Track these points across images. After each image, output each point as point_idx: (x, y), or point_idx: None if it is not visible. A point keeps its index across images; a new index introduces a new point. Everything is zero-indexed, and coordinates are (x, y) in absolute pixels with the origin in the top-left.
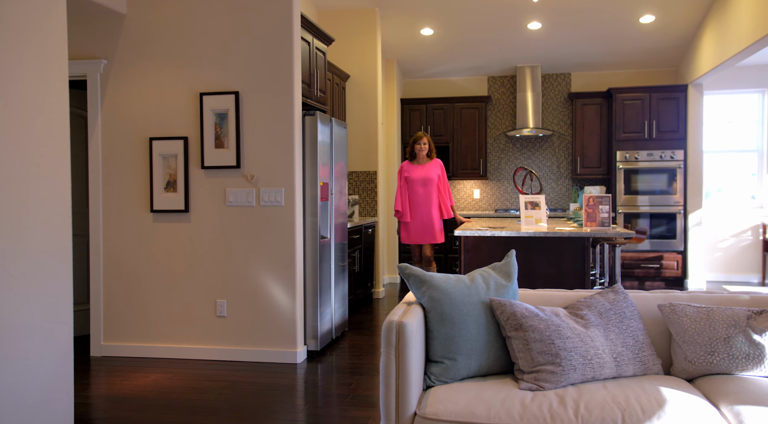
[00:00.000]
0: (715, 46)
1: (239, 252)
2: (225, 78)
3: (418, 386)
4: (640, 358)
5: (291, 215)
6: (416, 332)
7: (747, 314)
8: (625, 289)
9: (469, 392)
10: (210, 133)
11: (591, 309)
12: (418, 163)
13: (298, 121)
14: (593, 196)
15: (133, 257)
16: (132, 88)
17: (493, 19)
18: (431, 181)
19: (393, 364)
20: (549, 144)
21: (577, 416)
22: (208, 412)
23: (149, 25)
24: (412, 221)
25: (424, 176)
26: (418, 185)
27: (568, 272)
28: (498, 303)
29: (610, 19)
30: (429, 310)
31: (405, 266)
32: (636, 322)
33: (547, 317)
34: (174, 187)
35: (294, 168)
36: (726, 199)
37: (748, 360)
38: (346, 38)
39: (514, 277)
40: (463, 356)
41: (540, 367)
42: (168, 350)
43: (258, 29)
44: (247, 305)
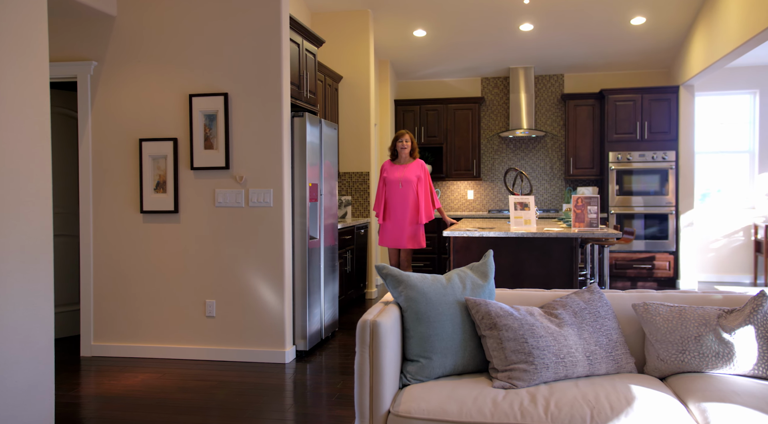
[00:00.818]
0: (705, 48)
1: (228, 253)
2: (214, 79)
3: (393, 385)
4: (614, 356)
5: (279, 215)
6: (390, 331)
7: (718, 313)
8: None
9: (443, 391)
10: (199, 135)
11: (566, 308)
12: (399, 163)
13: (287, 123)
14: (582, 197)
15: (123, 258)
16: (122, 89)
17: (485, 20)
18: (410, 182)
19: (367, 362)
20: (542, 145)
21: (547, 414)
22: (196, 411)
23: (139, 27)
24: (388, 223)
25: (402, 177)
26: (396, 186)
27: (556, 272)
28: (473, 302)
29: (601, 20)
30: (405, 309)
31: (382, 266)
32: (610, 321)
33: (521, 316)
34: (163, 188)
35: (282, 169)
36: (718, 200)
37: (717, 358)
38: (338, 40)
39: (491, 276)
40: (438, 355)
41: (513, 365)
42: (157, 350)
43: (247, 31)
44: (236, 305)
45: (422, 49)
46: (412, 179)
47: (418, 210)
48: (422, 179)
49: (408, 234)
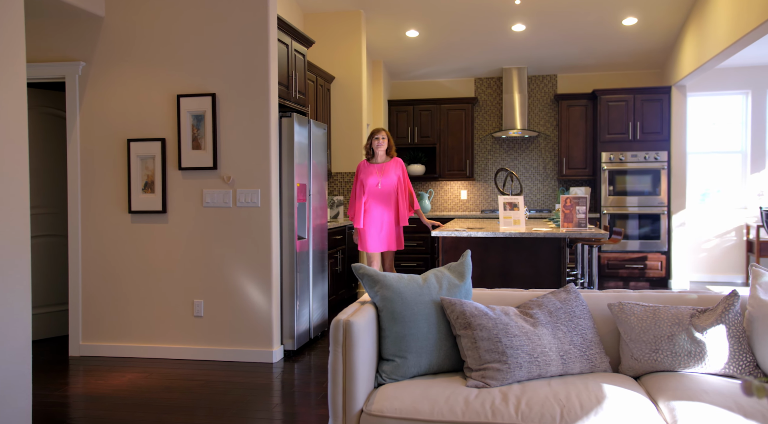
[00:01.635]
0: (696, 48)
1: (216, 253)
2: (202, 80)
3: (367, 384)
4: (588, 356)
5: (267, 215)
6: (364, 330)
7: (691, 313)
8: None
9: (416, 390)
10: (187, 135)
11: (541, 308)
12: (376, 162)
13: (275, 123)
14: (570, 198)
15: (111, 258)
16: (110, 90)
17: (477, 20)
18: (389, 181)
19: (340, 362)
20: (535, 145)
21: (518, 413)
22: (181, 411)
23: (127, 28)
24: (367, 227)
25: (381, 177)
26: (374, 187)
27: (544, 272)
28: (448, 302)
29: (593, 21)
30: (381, 309)
31: (359, 266)
32: (585, 321)
33: (496, 315)
34: (152, 188)
35: (270, 169)
36: (711, 200)
37: (689, 357)
38: (331, 40)
39: (468, 276)
40: (413, 354)
41: (487, 365)
42: (146, 349)
43: (235, 32)
44: (223, 304)
45: (415, 49)
46: (392, 179)
47: (400, 211)
48: (401, 179)
49: (392, 236)
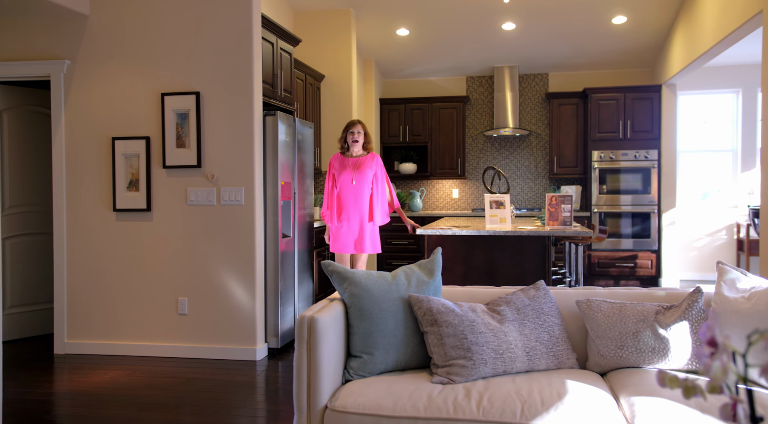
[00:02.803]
0: (685, 47)
1: (200, 250)
2: (186, 79)
3: (333, 380)
4: (554, 352)
5: (251, 213)
6: (330, 327)
7: (656, 309)
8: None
9: (381, 386)
10: (171, 133)
11: (509, 305)
12: (351, 155)
13: (258, 122)
14: (556, 196)
15: (96, 256)
16: (95, 88)
17: (467, 19)
18: (364, 178)
19: (304, 358)
20: (527, 144)
21: (479, 408)
22: (160, 408)
23: (112, 27)
24: (340, 225)
25: (355, 172)
26: (348, 183)
27: (529, 270)
28: (416, 299)
29: (582, 19)
30: (350, 306)
31: (328, 263)
32: (553, 318)
33: (462, 312)
34: (136, 186)
35: (254, 168)
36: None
37: (654, 354)
38: (321, 39)
39: (437, 273)
40: (380, 351)
41: (452, 361)
42: (131, 347)
43: (219, 31)
44: (208, 302)
45: (406, 47)
46: (367, 174)
47: (372, 209)
48: (378, 175)
49: (366, 237)
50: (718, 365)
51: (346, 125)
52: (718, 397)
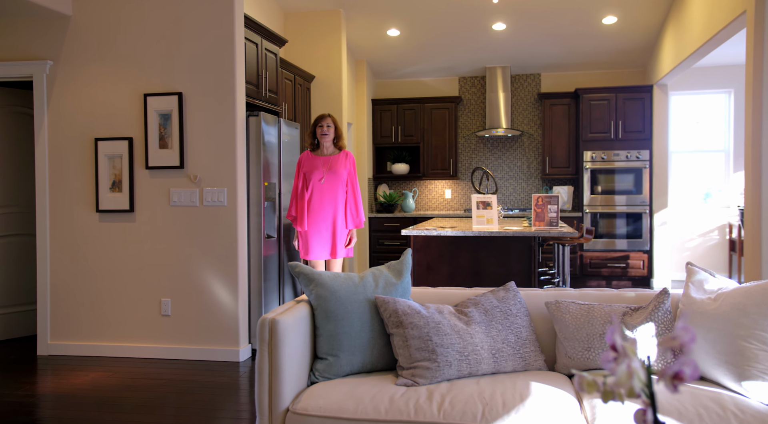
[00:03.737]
0: (674, 47)
1: (183, 251)
2: (169, 79)
3: (297, 382)
4: (521, 354)
5: (233, 214)
6: (293, 329)
7: (624, 311)
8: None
9: (345, 388)
10: (154, 134)
11: (477, 307)
12: (321, 154)
13: (241, 122)
14: (542, 197)
15: (79, 257)
16: (77, 88)
17: (457, 19)
18: (338, 177)
19: (266, 360)
20: (519, 144)
21: (440, 411)
22: (137, 410)
23: (94, 27)
24: (311, 229)
25: (327, 171)
26: (318, 183)
27: (515, 270)
28: (382, 300)
29: (573, 20)
30: (316, 307)
31: (295, 264)
32: (522, 319)
33: (428, 314)
34: (119, 187)
35: (236, 168)
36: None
37: None
38: (311, 39)
39: (406, 274)
40: (346, 353)
41: (417, 363)
42: (113, 348)
43: (201, 31)
44: (191, 303)
45: (397, 48)
46: (340, 173)
47: (348, 212)
48: (352, 175)
49: (338, 241)
50: (623, 370)
51: (315, 119)
52: (679, 399)
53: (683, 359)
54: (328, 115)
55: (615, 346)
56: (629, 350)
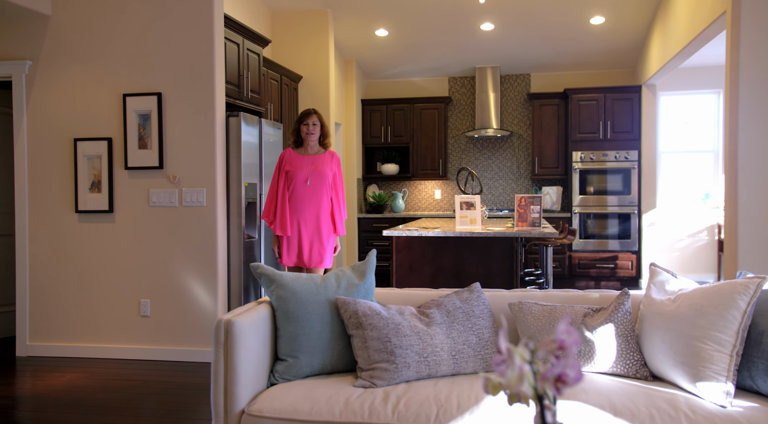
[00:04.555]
0: (661, 47)
1: (163, 252)
2: (148, 80)
3: (254, 384)
4: (482, 356)
5: (213, 215)
6: (250, 330)
7: (585, 312)
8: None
9: (302, 390)
10: (133, 134)
11: (440, 308)
12: (305, 152)
13: (220, 122)
14: (525, 197)
15: (58, 257)
16: (57, 89)
17: (445, 19)
18: (324, 179)
19: (221, 362)
20: (509, 144)
21: (394, 413)
22: (110, 411)
23: (73, 27)
24: (293, 234)
25: (312, 171)
26: (303, 184)
27: (497, 271)
28: (343, 302)
29: (560, 20)
30: (276, 308)
31: (257, 265)
32: (484, 320)
33: (389, 315)
34: (98, 187)
35: (216, 169)
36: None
37: (580, 356)
38: (298, 39)
39: (369, 275)
40: (305, 354)
41: (376, 364)
42: (93, 349)
43: (180, 32)
44: (170, 304)
45: (385, 48)
46: (326, 174)
47: (335, 216)
48: (337, 177)
49: (323, 248)
50: (513, 373)
51: (299, 115)
52: (634, 401)
53: (564, 362)
54: (314, 112)
55: (500, 349)
56: (516, 354)
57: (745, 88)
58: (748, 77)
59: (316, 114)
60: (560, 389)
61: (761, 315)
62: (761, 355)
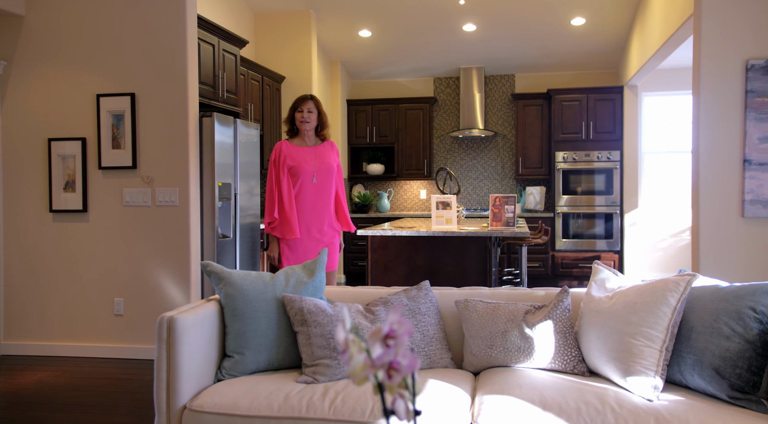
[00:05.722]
0: (640, 49)
1: (136, 251)
2: (121, 80)
3: (198, 380)
4: (427, 352)
5: (186, 214)
6: (194, 327)
7: (526, 309)
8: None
9: (245, 385)
10: (107, 135)
11: (387, 305)
12: (303, 144)
13: (194, 123)
14: (499, 197)
15: (32, 257)
16: (31, 89)
17: (427, 20)
18: (330, 172)
19: (164, 359)
20: (493, 145)
21: (331, 408)
22: (77, 409)
23: (48, 27)
24: (304, 236)
25: (318, 165)
26: (308, 180)
27: (471, 270)
28: (289, 299)
29: (542, 21)
30: (225, 306)
31: (206, 264)
32: (430, 318)
33: (333, 313)
34: (73, 187)
35: (189, 168)
36: (666, 199)
37: (520, 353)
38: (281, 40)
39: (319, 273)
40: (251, 351)
41: (319, 361)
42: (66, 348)
43: (153, 33)
44: (143, 303)
45: (369, 49)
46: (332, 167)
47: (343, 212)
48: (340, 169)
49: (336, 249)
50: (357, 362)
51: (294, 101)
52: (564, 395)
53: (394, 350)
54: (310, 98)
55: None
56: (352, 344)
57: (706, 90)
58: (709, 80)
59: (313, 100)
60: (392, 376)
61: (692, 312)
62: (690, 350)
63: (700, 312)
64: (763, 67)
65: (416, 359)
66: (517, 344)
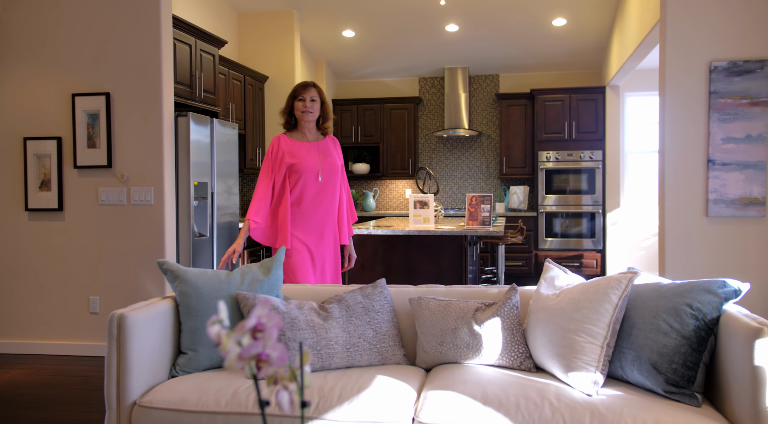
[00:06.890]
0: (620, 49)
1: (112, 250)
2: (97, 79)
3: (150, 377)
4: (378, 349)
5: (160, 213)
6: (145, 324)
7: (477, 307)
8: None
9: (196, 381)
10: (82, 134)
11: (340, 303)
12: (305, 138)
13: (168, 122)
14: (476, 196)
15: (7, 255)
16: (6, 88)
17: (409, 21)
18: (334, 170)
19: (114, 355)
20: (478, 144)
21: None
22: (47, 406)
23: (22, 27)
24: (302, 247)
25: (322, 163)
26: (313, 179)
27: (447, 269)
28: (243, 297)
29: (523, 21)
30: (180, 303)
31: (163, 261)
32: (384, 315)
33: (286, 310)
34: (48, 186)
35: (163, 167)
36: (649, 198)
37: (468, 349)
38: (265, 40)
39: (275, 271)
40: (205, 348)
41: None
42: (42, 346)
43: (128, 33)
44: (119, 301)
45: (353, 49)
46: (337, 164)
47: (348, 216)
48: (344, 168)
49: (339, 260)
50: (233, 356)
51: (293, 89)
52: (506, 390)
53: (262, 342)
54: (313, 85)
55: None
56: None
57: (671, 91)
58: (674, 81)
59: (316, 88)
60: (261, 368)
61: (634, 309)
62: (631, 346)
63: (641, 309)
64: (726, 69)
65: (286, 352)
66: (466, 341)
